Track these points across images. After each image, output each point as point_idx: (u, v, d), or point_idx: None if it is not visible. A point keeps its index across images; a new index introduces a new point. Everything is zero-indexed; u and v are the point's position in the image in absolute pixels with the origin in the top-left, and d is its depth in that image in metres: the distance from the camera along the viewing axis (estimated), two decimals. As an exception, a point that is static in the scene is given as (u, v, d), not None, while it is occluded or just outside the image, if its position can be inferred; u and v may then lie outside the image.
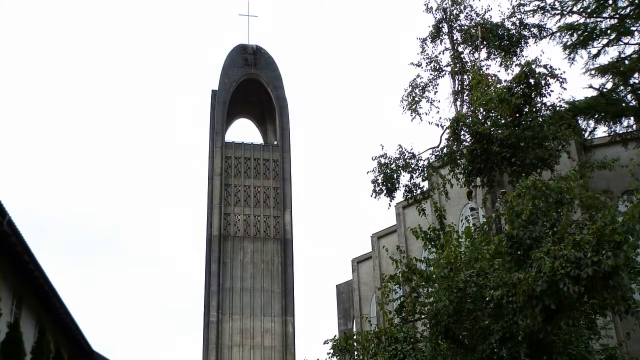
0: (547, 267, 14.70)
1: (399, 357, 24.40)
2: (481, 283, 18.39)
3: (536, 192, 17.63)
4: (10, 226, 28.17)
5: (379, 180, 32.60)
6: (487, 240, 21.27)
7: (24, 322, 33.79)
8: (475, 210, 31.43)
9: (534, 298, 15.34)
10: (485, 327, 18.57)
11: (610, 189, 32.90)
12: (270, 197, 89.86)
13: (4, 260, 30.61)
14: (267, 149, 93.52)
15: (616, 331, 33.02)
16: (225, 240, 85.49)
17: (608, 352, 24.61)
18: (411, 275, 21.10)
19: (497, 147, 27.42)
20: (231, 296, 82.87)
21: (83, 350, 50.86)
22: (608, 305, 16.14)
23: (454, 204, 42.00)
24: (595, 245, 14.58)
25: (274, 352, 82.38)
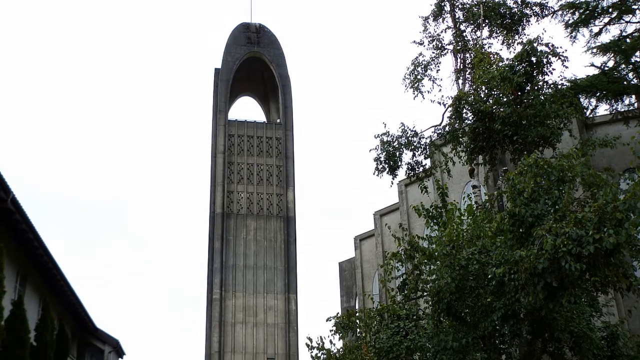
0: (549, 244, 14.73)
1: (401, 334, 24.48)
2: (483, 260, 18.44)
3: (538, 170, 17.65)
4: (15, 204, 28.25)
5: (382, 158, 32.61)
6: (489, 218, 21.33)
7: (27, 299, 33.90)
8: (477, 188, 31.46)
9: (535, 275, 15.37)
10: (487, 304, 18.63)
11: (612, 166, 32.90)
12: (273, 175, 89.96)
13: (8, 238, 30.71)
14: (270, 127, 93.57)
15: (618, 308, 33.12)
16: (228, 218, 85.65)
17: (610, 330, 24.73)
18: (413, 252, 21.15)
19: (499, 125, 27.42)
20: (234, 274, 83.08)
21: (87, 328, 51.06)
22: (610, 283, 16.18)
23: (456, 182, 42.05)
24: (596, 223, 14.61)
25: (276, 329, 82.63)
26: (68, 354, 38.30)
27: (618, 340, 24.37)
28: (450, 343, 20.34)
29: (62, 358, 37.15)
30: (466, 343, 20.34)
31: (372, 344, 24.41)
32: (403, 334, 24.38)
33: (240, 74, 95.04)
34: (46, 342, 32.83)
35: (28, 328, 29.61)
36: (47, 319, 33.46)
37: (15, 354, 28.32)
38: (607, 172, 20.41)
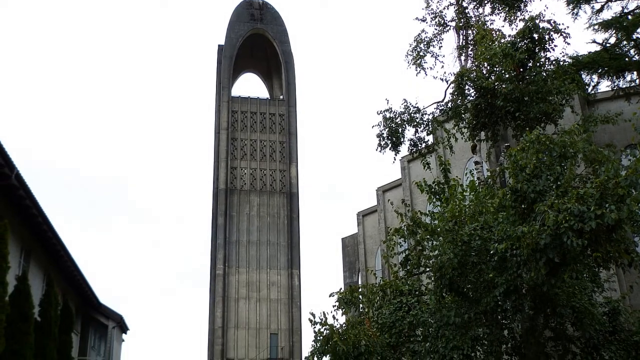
0: (551, 220, 14.77)
1: (404, 310, 24.57)
2: (485, 236, 18.48)
3: (540, 146, 17.65)
4: (19, 180, 28.28)
5: (384, 134, 32.61)
6: (492, 193, 21.36)
7: (32, 275, 33.99)
8: (480, 164, 31.49)
9: (537, 251, 15.40)
10: (489, 280, 18.68)
11: (614, 143, 32.98)
12: (276, 151, 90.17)
13: (12, 213, 30.77)
14: (273, 104, 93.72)
15: (619, 284, 33.25)
16: (231, 193, 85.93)
17: (611, 305, 24.78)
18: (416, 228, 21.21)
19: (501, 102, 27.40)
20: (237, 249, 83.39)
21: (90, 303, 51.22)
22: (611, 259, 16.20)
23: (458, 158, 42.10)
24: (598, 199, 14.64)
25: (279, 305, 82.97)
26: (72, 330, 38.46)
27: (619, 315, 24.43)
28: (453, 318, 20.43)
29: (66, 333, 37.29)
30: (468, 318, 20.43)
31: (374, 320, 24.50)
32: (405, 310, 24.47)
33: (244, 50, 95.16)
34: (50, 317, 32.94)
35: (32, 303, 29.70)
36: (51, 294, 33.56)
37: (19, 330, 28.42)
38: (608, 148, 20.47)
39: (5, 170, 27.07)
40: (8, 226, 26.60)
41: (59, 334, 35.26)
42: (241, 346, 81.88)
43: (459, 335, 20.94)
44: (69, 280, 43.41)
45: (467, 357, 21.29)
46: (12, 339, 27.86)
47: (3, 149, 25.80)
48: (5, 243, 26.01)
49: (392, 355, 23.45)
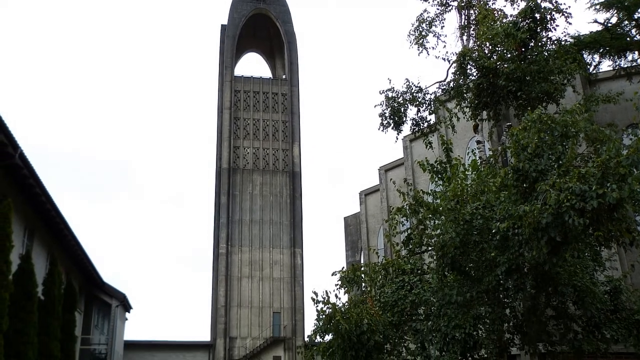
0: (553, 199, 14.79)
1: (406, 289, 24.65)
2: (487, 215, 18.53)
3: (542, 125, 17.64)
4: (22, 159, 28.36)
5: (387, 114, 32.60)
6: (493, 173, 21.37)
7: (35, 254, 34.11)
8: (482, 144, 31.49)
9: (539, 230, 15.42)
10: (491, 258, 18.72)
11: (615, 122, 32.96)
12: (279, 131, 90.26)
13: (16, 193, 30.85)
14: (276, 83, 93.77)
15: (621, 263, 33.31)
16: (234, 173, 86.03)
17: (613, 284, 24.89)
18: (418, 207, 21.25)
19: (503, 81, 27.39)
20: (240, 228, 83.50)
21: (94, 282, 51.41)
22: (613, 238, 16.23)
23: (460, 137, 42.11)
24: (600, 178, 14.64)
25: (282, 284, 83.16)
26: (76, 308, 38.63)
27: (621, 294, 24.54)
28: (455, 297, 20.51)
29: (70, 312, 37.43)
30: (470, 297, 20.52)
31: (377, 298, 24.59)
32: (408, 288, 24.56)
33: (246, 30, 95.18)
34: (54, 296, 33.07)
35: (36, 282, 29.82)
36: (54, 273, 33.68)
37: (23, 308, 28.54)
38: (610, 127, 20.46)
39: (9, 149, 27.13)
40: (12, 205, 26.69)
41: (62, 313, 35.41)
42: (244, 325, 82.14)
43: (461, 314, 21.06)
44: (73, 259, 43.57)
45: (469, 335, 21.40)
46: (16, 317, 27.99)
47: (7, 128, 25.87)
48: (9, 222, 26.11)
49: (395, 334, 23.57)
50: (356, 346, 21.15)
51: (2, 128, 25.71)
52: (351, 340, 20.97)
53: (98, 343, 56.98)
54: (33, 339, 29.02)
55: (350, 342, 21.01)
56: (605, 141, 17.80)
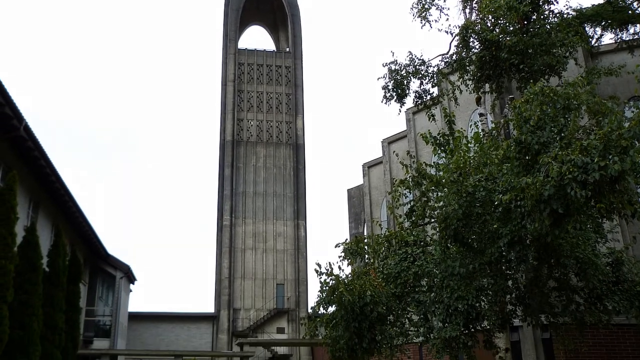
0: (555, 171, 14.80)
1: (409, 260, 24.77)
2: (490, 187, 18.56)
3: (544, 98, 17.64)
4: (27, 132, 28.46)
5: (390, 87, 32.61)
6: (496, 145, 21.39)
7: (40, 225, 34.25)
8: (484, 116, 31.49)
9: (541, 202, 15.45)
10: (493, 230, 18.76)
11: (617, 95, 33.01)
12: (282, 103, 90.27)
13: (21, 165, 30.95)
14: (280, 56, 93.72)
15: (622, 235, 33.41)
16: (238, 145, 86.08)
17: (615, 255, 24.99)
18: (421, 179, 21.30)
19: (506, 54, 27.37)
20: (244, 200, 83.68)
21: (98, 254, 51.64)
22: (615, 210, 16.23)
23: (463, 110, 42.13)
24: (602, 150, 14.65)
25: (286, 255, 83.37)
26: (80, 280, 38.81)
27: (623, 266, 24.62)
28: (457, 269, 20.60)
29: (75, 284, 37.62)
30: (473, 269, 20.58)
31: (380, 270, 24.70)
32: (411, 260, 24.69)
33: (250, 3, 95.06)
34: (59, 268, 33.23)
35: (41, 254, 29.96)
36: (59, 245, 33.82)
37: (28, 280, 28.71)
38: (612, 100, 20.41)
39: (14, 122, 27.24)
40: (17, 177, 26.80)
41: (67, 284, 35.59)
42: (248, 296, 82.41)
43: (463, 286, 21.16)
44: (77, 231, 43.76)
45: (472, 307, 21.55)
46: (21, 289, 28.16)
47: (11, 101, 25.95)
48: (14, 194, 26.23)
49: (398, 305, 23.69)
50: (359, 317, 21.27)
51: (7, 101, 25.80)
52: (354, 311, 21.09)
53: (102, 314, 57.29)
54: (38, 311, 29.20)
55: (353, 313, 21.14)
56: (607, 114, 17.79)
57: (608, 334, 31.87)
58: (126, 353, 58.08)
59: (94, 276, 55.35)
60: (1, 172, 29.29)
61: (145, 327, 78.57)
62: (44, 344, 31.50)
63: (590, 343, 31.56)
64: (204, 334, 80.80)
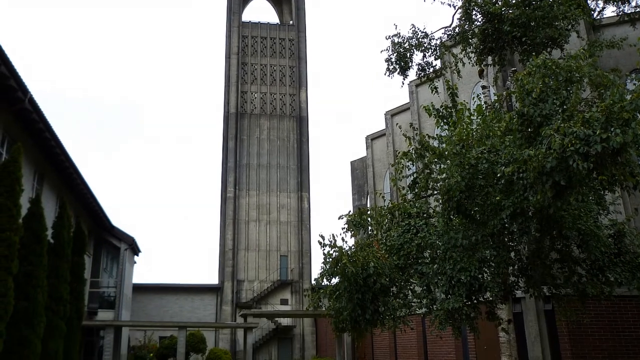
0: (557, 144, 14.81)
1: (412, 232, 24.83)
2: (492, 159, 18.60)
3: (546, 70, 17.64)
4: (32, 104, 28.53)
5: (393, 59, 32.65)
6: (498, 117, 21.42)
7: (45, 197, 34.37)
8: (487, 89, 31.48)
9: (544, 174, 15.47)
10: (496, 202, 18.80)
11: (619, 67, 32.96)
12: (286, 76, 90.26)
13: (26, 137, 31.03)
14: (283, 29, 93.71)
15: (624, 206, 33.51)
16: (242, 117, 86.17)
17: (616, 227, 25.08)
18: (424, 152, 21.34)
19: (508, 27, 27.38)
20: (248, 172, 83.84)
21: (103, 226, 51.83)
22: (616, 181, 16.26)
23: (465, 82, 42.14)
24: (604, 123, 14.67)
25: (289, 227, 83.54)
26: (85, 251, 38.96)
27: (625, 237, 24.71)
28: (460, 240, 20.70)
29: (79, 255, 37.78)
30: (475, 240, 20.70)
31: (383, 242, 24.78)
32: (414, 232, 24.74)
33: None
34: (63, 239, 33.36)
35: (45, 226, 30.09)
36: (64, 216, 33.95)
37: (33, 251, 28.84)
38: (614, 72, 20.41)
39: (19, 94, 27.31)
40: (21, 150, 26.89)
41: (71, 256, 35.75)
42: (251, 268, 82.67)
43: (466, 257, 21.24)
44: (82, 203, 43.93)
45: (474, 278, 21.62)
46: (26, 260, 28.31)
47: (16, 73, 26.01)
48: (18, 166, 26.32)
49: (401, 277, 23.79)
50: (362, 289, 21.39)
51: (12, 73, 25.86)
52: (357, 283, 21.20)
53: (107, 286, 57.57)
54: (42, 282, 29.38)
55: (356, 285, 21.25)
56: (609, 86, 17.79)
57: (610, 306, 32.05)
58: (130, 324, 58.40)
59: (99, 248, 55.59)
60: (6, 144, 29.40)
61: (149, 299, 78.91)
62: (49, 315, 31.71)
63: (592, 314, 31.75)
64: (207, 305, 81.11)
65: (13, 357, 27.38)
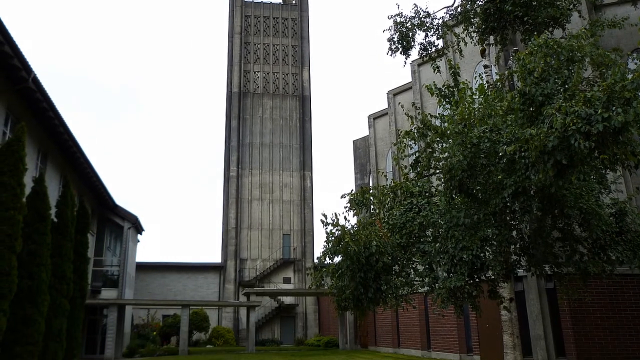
0: (559, 123, 14.84)
1: (414, 211, 24.94)
2: (494, 139, 18.62)
3: (548, 50, 17.67)
4: (36, 83, 28.58)
5: (395, 39, 32.67)
6: (500, 97, 21.45)
7: (48, 176, 34.45)
8: (489, 68, 31.49)
9: (545, 153, 15.49)
10: (498, 181, 18.84)
11: (620, 46, 33.02)
12: (288, 55, 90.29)
13: (30, 116, 31.08)
14: (286, 8, 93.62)
15: (626, 185, 33.62)
16: (244, 97, 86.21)
17: (618, 206, 25.20)
18: (426, 131, 21.36)
19: (510, 6, 27.35)
20: (250, 151, 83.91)
21: (106, 204, 51.94)
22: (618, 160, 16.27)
23: (467, 62, 42.17)
24: (605, 102, 14.69)
25: (292, 206, 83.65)
26: (88, 230, 39.07)
27: (626, 216, 24.84)
28: (462, 219, 20.79)
29: (83, 234, 37.89)
30: (477, 219, 20.78)
31: (385, 220, 24.90)
32: (416, 211, 24.87)
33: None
34: (67, 218, 33.45)
35: (49, 204, 30.16)
36: (67, 195, 34.03)
37: (36, 230, 28.94)
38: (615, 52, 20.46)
39: (23, 73, 27.37)
40: (25, 129, 26.95)
41: (75, 235, 35.88)
42: (254, 247, 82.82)
43: (468, 236, 21.33)
44: (85, 182, 44.02)
45: (476, 257, 21.74)
46: (30, 239, 28.43)
47: (20, 52, 26.07)
48: (22, 145, 26.39)
49: (403, 256, 23.92)
50: (365, 267, 21.50)
51: (16, 52, 25.92)
52: (360, 261, 21.30)
53: (110, 265, 57.69)
54: (46, 261, 29.49)
55: (359, 263, 21.36)
56: (610, 65, 17.85)
57: (611, 284, 32.21)
58: (134, 303, 58.59)
59: (102, 226, 55.73)
60: (10, 123, 29.47)
61: (152, 277, 79.10)
62: (53, 293, 31.86)
63: (594, 293, 31.92)
64: (211, 284, 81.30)
65: (17, 335, 27.53)
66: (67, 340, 35.61)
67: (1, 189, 25.21)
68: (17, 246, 25.29)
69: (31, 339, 28.15)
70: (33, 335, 28.26)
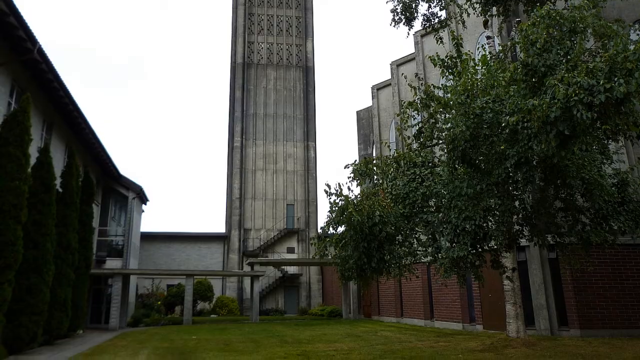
0: (561, 93, 14.88)
1: (417, 181, 25.02)
2: (497, 109, 18.66)
3: (550, 21, 17.70)
4: (41, 54, 28.63)
5: (398, 10, 32.66)
6: (503, 67, 21.51)
7: (53, 147, 34.53)
8: (491, 39, 31.51)
9: (548, 124, 15.53)
10: (500, 152, 18.87)
11: (622, 17, 32.99)
12: (292, 26, 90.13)
13: (35, 87, 31.14)
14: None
15: (628, 156, 33.66)
16: (248, 67, 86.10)
17: (620, 176, 25.30)
18: (429, 101, 21.39)
19: (512, -23, 27.46)
20: (254, 122, 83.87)
21: (111, 175, 52.04)
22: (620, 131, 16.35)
23: (470, 33, 42.11)
24: (607, 73, 14.72)
25: (296, 176, 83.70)
26: (93, 200, 39.24)
27: (628, 186, 24.95)
28: (465, 189, 20.85)
29: (87, 204, 38.06)
30: (480, 189, 20.84)
31: (389, 191, 24.97)
32: (419, 181, 24.94)
33: None
34: (72, 188, 33.60)
35: (54, 175, 30.31)
36: (72, 166, 34.16)
37: (41, 200, 29.12)
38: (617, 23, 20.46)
39: (28, 44, 27.43)
40: (30, 99, 27.05)
41: (80, 205, 36.05)
42: (258, 217, 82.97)
43: (471, 206, 21.41)
44: (90, 153, 44.11)
45: (479, 227, 21.86)
46: (35, 209, 28.62)
47: (25, 23, 26.11)
48: (27, 116, 26.51)
49: (406, 226, 24.01)
50: (368, 237, 21.62)
51: (21, 23, 25.98)
52: (363, 231, 21.42)
53: (115, 234, 57.88)
54: (51, 230, 29.69)
55: (362, 233, 21.47)
56: (612, 36, 17.87)
57: (613, 254, 32.34)
58: (138, 272, 58.81)
59: (107, 197, 55.90)
60: (15, 94, 29.56)
61: (157, 247, 79.33)
62: (58, 263, 32.10)
63: (596, 263, 32.06)
64: (215, 253, 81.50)
65: (22, 304, 27.77)
66: (72, 309, 35.89)
67: (7, 159, 25.35)
68: (22, 216, 25.47)
69: (36, 309, 28.40)
70: (38, 305, 28.50)
